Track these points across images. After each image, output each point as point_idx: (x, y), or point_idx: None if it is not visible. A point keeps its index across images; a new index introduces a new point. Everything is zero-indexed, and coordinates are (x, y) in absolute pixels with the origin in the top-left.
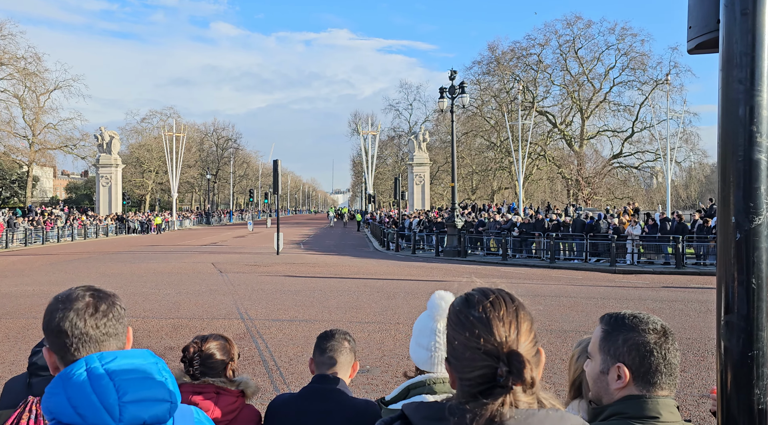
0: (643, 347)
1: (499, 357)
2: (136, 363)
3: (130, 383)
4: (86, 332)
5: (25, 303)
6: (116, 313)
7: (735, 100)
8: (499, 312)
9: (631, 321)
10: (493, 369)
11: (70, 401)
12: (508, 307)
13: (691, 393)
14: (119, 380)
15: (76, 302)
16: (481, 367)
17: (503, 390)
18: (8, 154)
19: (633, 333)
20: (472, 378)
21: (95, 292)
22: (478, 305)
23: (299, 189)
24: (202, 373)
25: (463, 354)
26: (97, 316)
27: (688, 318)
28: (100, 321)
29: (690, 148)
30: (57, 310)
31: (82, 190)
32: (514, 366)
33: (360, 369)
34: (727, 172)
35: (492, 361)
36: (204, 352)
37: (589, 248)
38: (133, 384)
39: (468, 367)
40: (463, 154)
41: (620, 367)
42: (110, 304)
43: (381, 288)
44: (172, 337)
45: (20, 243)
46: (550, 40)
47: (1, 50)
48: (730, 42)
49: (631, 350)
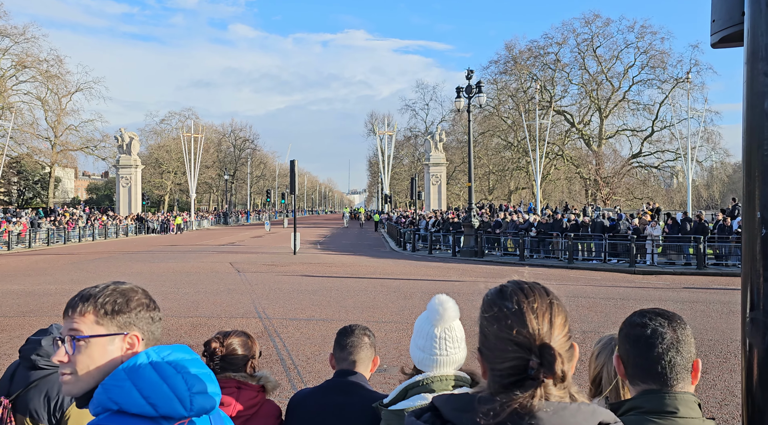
0: (634, 340)
1: (531, 350)
2: (187, 358)
3: (192, 376)
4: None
5: (48, 301)
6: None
7: (760, 93)
8: (533, 305)
9: (634, 317)
10: (525, 361)
11: (141, 392)
12: (542, 300)
13: (713, 395)
14: (184, 373)
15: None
16: (513, 359)
17: (534, 382)
18: (31, 156)
19: (628, 327)
20: (504, 369)
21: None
22: (513, 297)
23: (316, 189)
24: (222, 368)
25: (495, 345)
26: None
27: (710, 319)
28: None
29: (711, 147)
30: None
31: (102, 191)
32: (545, 359)
33: (378, 368)
34: (753, 167)
35: (524, 353)
36: (226, 347)
37: (608, 248)
38: (196, 377)
39: (500, 358)
40: (480, 154)
41: (615, 359)
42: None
43: (398, 288)
44: (191, 336)
45: (43, 242)
46: (568, 38)
47: (25, 53)
48: (756, 35)
49: (623, 342)
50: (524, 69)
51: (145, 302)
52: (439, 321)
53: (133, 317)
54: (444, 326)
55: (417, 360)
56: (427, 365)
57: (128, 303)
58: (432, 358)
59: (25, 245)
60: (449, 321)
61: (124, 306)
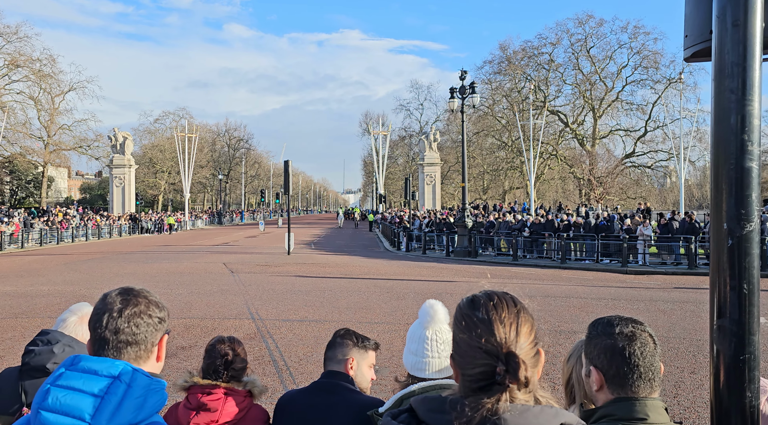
0: (610, 350)
1: (498, 357)
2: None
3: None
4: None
5: (41, 302)
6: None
7: (727, 108)
8: (501, 315)
9: (604, 326)
10: (493, 367)
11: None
12: (509, 310)
13: (700, 395)
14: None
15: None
16: (482, 365)
17: (500, 387)
18: (24, 155)
19: (603, 337)
20: (473, 375)
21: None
22: (482, 307)
23: (310, 189)
24: (233, 377)
25: (465, 352)
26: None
27: (700, 319)
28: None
29: (704, 147)
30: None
31: (96, 191)
32: (511, 366)
33: None
34: (720, 180)
35: (492, 360)
36: (238, 356)
37: (601, 248)
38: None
39: (470, 364)
40: (474, 154)
41: (593, 370)
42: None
43: (391, 288)
44: (183, 337)
45: (36, 243)
46: (561, 39)
47: (17, 52)
48: (722, 52)
49: (600, 354)
50: (518, 69)
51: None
52: (430, 322)
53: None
54: (435, 328)
55: (410, 365)
56: (419, 368)
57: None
58: (424, 360)
59: (17, 245)
60: (440, 324)
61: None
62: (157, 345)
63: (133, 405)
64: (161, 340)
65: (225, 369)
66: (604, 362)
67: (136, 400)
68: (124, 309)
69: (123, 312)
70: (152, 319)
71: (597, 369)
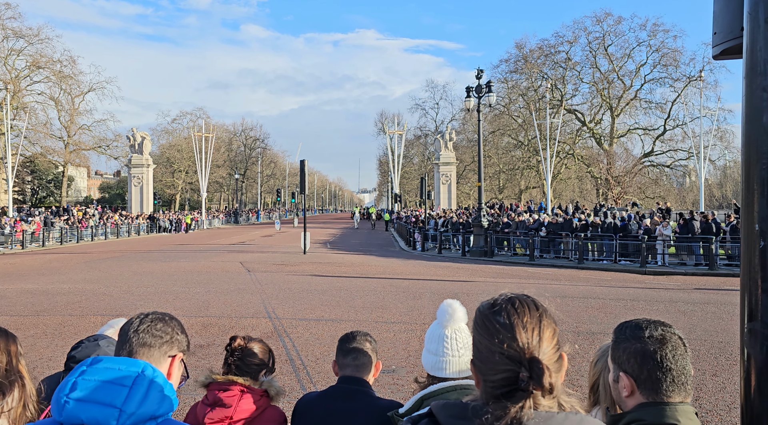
0: (640, 355)
1: (521, 363)
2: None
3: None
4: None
5: (62, 300)
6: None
7: (759, 107)
8: (523, 319)
9: (632, 329)
10: (516, 373)
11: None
12: (531, 314)
13: (723, 398)
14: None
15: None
16: (504, 371)
17: (524, 393)
18: (45, 155)
19: (632, 341)
20: (495, 381)
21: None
22: (504, 311)
23: (326, 188)
24: (238, 368)
25: (487, 358)
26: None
27: (721, 321)
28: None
29: (725, 146)
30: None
31: (114, 190)
32: (534, 372)
33: (386, 369)
34: (751, 180)
35: (514, 366)
36: (247, 348)
37: (619, 249)
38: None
39: (492, 370)
40: (490, 153)
41: (622, 376)
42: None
43: (407, 288)
44: (201, 335)
45: (56, 241)
46: (579, 37)
47: (39, 54)
48: (754, 50)
49: (630, 358)
50: (535, 68)
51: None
52: (449, 321)
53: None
54: (453, 327)
55: (429, 366)
56: (439, 368)
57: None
58: (443, 360)
59: (38, 244)
60: (458, 322)
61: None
62: (170, 362)
63: (156, 398)
64: (174, 358)
65: (230, 355)
66: (634, 367)
67: (158, 394)
68: (146, 318)
69: (144, 321)
70: (168, 327)
71: (627, 374)
